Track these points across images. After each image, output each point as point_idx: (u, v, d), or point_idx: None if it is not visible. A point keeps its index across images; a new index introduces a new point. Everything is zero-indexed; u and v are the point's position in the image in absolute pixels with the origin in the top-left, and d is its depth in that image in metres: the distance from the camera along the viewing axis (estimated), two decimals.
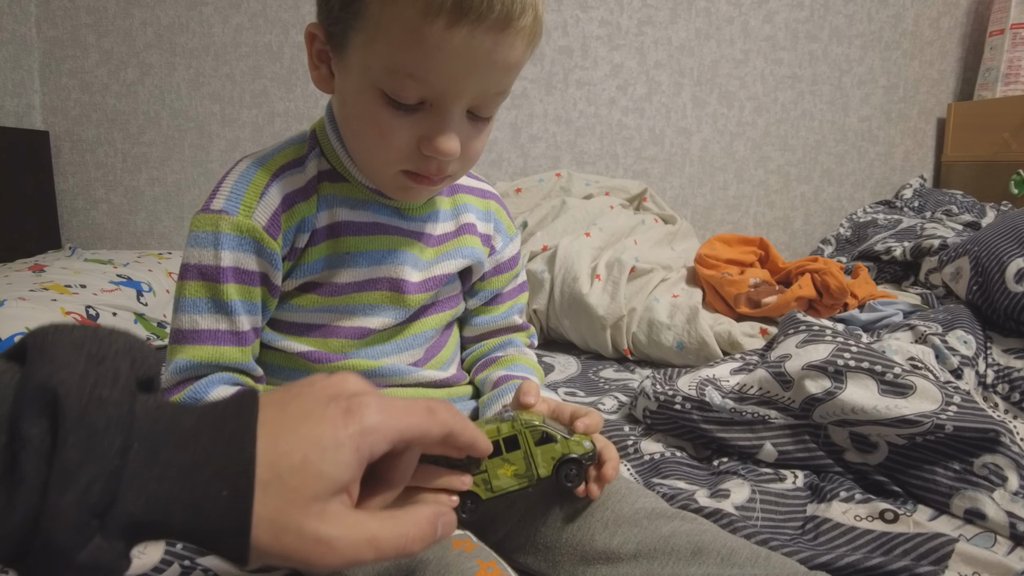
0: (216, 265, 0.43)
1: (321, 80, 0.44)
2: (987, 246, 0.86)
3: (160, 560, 0.46)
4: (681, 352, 0.94)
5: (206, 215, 0.43)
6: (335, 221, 0.47)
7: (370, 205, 0.48)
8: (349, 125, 0.44)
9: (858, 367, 0.62)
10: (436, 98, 0.39)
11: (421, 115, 0.40)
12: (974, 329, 0.79)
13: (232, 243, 0.43)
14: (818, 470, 0.63)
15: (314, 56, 0.43)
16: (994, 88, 1.46)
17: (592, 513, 0.43)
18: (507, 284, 0.58)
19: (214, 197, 0.44)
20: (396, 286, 0.48)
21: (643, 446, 0.68)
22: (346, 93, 0.42)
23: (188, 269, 0.43)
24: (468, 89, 0.39)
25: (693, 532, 0.41)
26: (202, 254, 0.43)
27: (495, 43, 0.37)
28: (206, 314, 0.43)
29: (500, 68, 0.39)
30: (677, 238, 1.23)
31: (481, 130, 0.43)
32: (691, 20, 1.56)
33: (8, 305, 0.86)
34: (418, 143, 0.40)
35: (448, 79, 0.38)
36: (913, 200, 1.47)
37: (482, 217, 0.55)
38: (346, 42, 0.40)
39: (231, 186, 0.44)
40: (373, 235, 0.48)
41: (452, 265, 0.51)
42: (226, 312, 0.43)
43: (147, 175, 1.60)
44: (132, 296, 1.05)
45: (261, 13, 1.54)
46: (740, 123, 1.60)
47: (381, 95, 0.39)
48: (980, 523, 0.53)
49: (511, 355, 0.57)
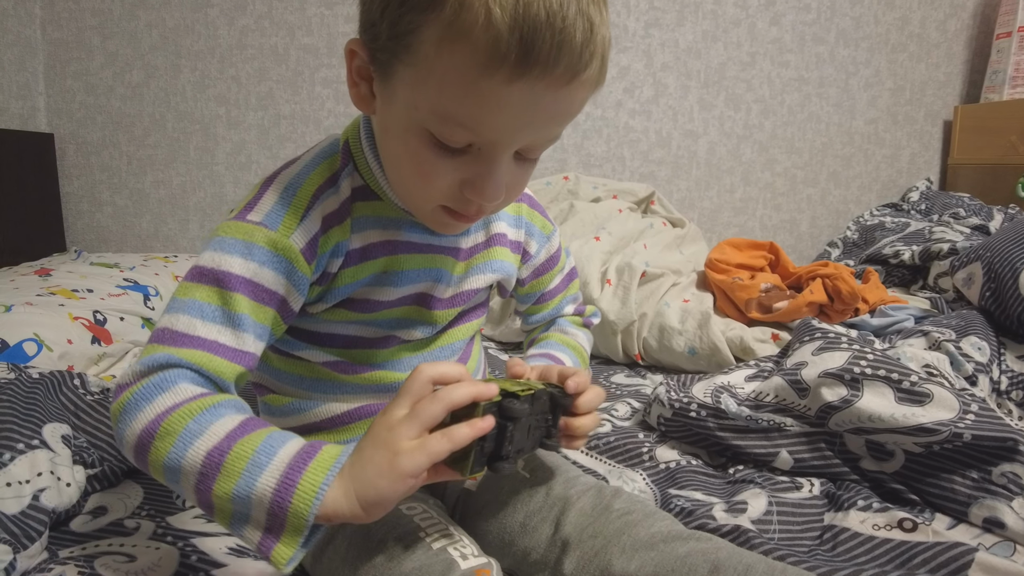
0: (239, 275, 0.40)
1: (361, 100, 0.41)
2: (1000, 252, 0.86)
3: (174, 573, 0.46)
4: (693, 358, 0.94)
5: (241, 223, 0.41)
6: (368, 243, 0.45)
7: (402, 224, 0.46)
8: (390, 156, 0.42)
9: (875, 375, 0.62)
10: (485, 144, 0.37)
11: (468, 158, 0.38)
12: (988, 335, 0.78)
13: (263, 257, 0.40)
14: (834, 478, 0.63)
15: (354, 73, 0.40)
16: (1001, 91, 1.46)
17: (609, 539, 0.43)
18: (551, 283, 0.57)
19: (252, 209, 0.41)
20: (425, 302, 0.48)
21: (658, 453, 0.68)
22: (389, 123, 0.40)
23: (203, 273, 0.40)
24: (521, 139, 0.37)
25: (709, 551, 0.41)
26: (226, 260, 0.40)
27: (556, 97, 0.35)
28: (209, 322, 0.39)
29: (558, 119, 0.37)
30: (686, 242, 1.22)
31: (527, 170, 0.41)
32: (698, 22, 1.55)
33: (16, 311, 0.85)
34: (461, 185, 0.38)
35: (501, 131, 0.36)
36: (920, 203, 1.46)
37: (513, 223, 0.53)
38: (392, 72, 0.37)
39: (274, 201, 0.41)
40: (411, 254, 0.46)
41: (481, 280, 0.51)
42: (232, 325, 0.40)
43: (152, 177, 1.60)
44: (139, 300, 1.04)
45: (267, 15, 1.53)
46: (747, 126, 1.60)
47: (427, 135, 0.37)
48: (999, 532, 0.52)
49: (548, 334, 0.58)
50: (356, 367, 0.47)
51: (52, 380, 0.63)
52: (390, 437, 0.35)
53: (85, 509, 0.56)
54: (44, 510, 0.49)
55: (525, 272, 0.55)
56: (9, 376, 0.61)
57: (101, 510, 0.56)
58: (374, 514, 0.35)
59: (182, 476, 0.35)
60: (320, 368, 0.47)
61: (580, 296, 0.61)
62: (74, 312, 0.90)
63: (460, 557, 0.39)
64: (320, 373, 0.48)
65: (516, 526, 0.47)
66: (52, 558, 0.48)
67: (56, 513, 0.51)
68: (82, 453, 0.58)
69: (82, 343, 0.86)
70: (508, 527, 0.47)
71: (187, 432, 0.35)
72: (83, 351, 0.86)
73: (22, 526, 0.47)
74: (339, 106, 1.55)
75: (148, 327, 1.02)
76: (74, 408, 0.63)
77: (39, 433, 0.55)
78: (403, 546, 0.41)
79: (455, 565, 0.39)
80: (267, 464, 0.34)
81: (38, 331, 0.81)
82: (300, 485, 0.34)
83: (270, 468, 0.34)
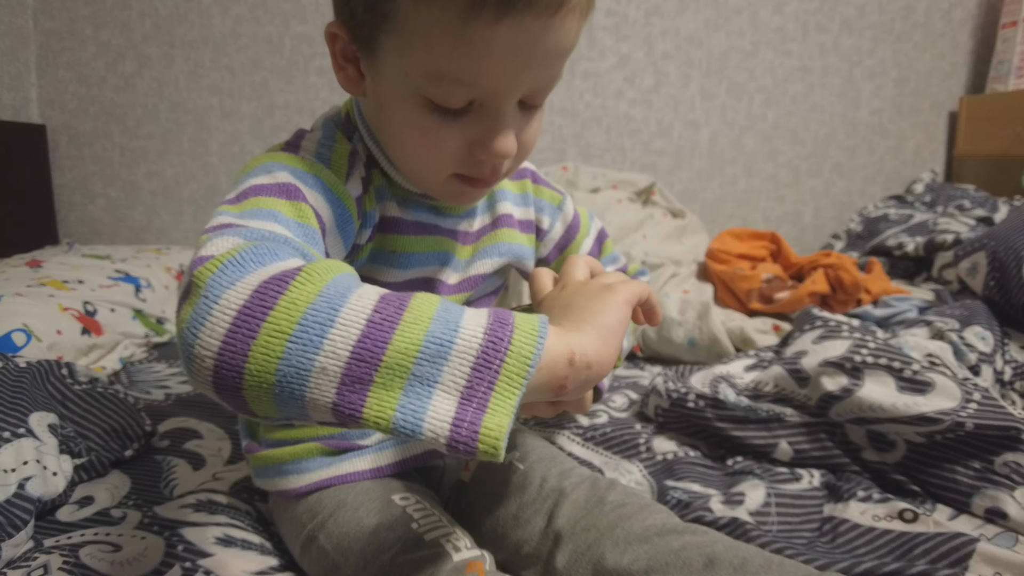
0: (303, 188, 0.34)
1: (349, 82, 0.39)
2: (1004, 241, 0.85)
3: (159, 562, 0.45)
4: (692, 349, 0.93)
5: (292, 155, 0.36)
6: (385, 216, 0.43)
7: (409, 203, 0.45)
8: (390, 133, 0.40)
9: (876, 364, 0.60)
10: (486, 98, 0.35)
11: (471, 117, 0.36)
12: (991, 325, 0.77)
13: (323, 190, 0.35)
14: (835, 469, 0.62)
15: (339, 56, 0.38)
16: (1006, 81, 1.44)
17: (603, 533, 0.42)
18: (580, 251, 0.55)
19: (297, 147, 0.37)
20: (432, 287, 0.46)
21: (655, 445, 0.67)
22: (383, 99, 0.38)
23: (262, 188, 0.32)
24: (521, 85, 0.35)
25: (704, 544, 0.40)
26: (284, 175, 0.33)
27: (546, 28, 0.33)
28: (284, 226, 0.31)
29: (553, 55, 0.35)
30: (686, 233, 1.21)
31: (534, 117, 0.39)
32: (699, 10, 1.53)
33: (5, 301, 0.84)
34: (470, 147, 0.37)
35: (498, 79, 0.34)
36: (924, 195, 1.44)
37: (519, 202, 0.51)
38: (376, 45, 0.36)
39: (319, 139, 0.38)
40: (419, 235, 0.45)
41: (488, 264, 0.49)
42: (310, 236, 0.32)
43: (145, 169, 1.58)
44: (130, 292, 1.03)
45: (261, 4, 1.51)
46: (749, 116, 1.58)
47: (425, 101, 0.35)
48: (1001, 522, 0.51)
49: None
50: None
51: (39, 369, 0.62)
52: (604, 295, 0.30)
53: (72, 499, 0.55)
54: (30, 499, 0.49)
55: (546, 249, 0.52)
56: None
57: (88, 500, 0.55)
58: (601, 363, 0.27)
59: (327, 339, 0.23)
60: None
61: (619, 256, 0.57)
62: (64, 303, 0.89)
63: (453, 549, 0.39)
64: None
65: (509, 518, 0.46)
66: (37, 547, 0.47)
67: (42, 502, 0.51)
68: (69, 443, 0.57)
69: (72, 334, 0.85)
70: (501, 519, 0.46)
71: (331, 287, 0.25)
72: (73, 342, 0.85)
73: (7, 515, 0.46)
74: (334, 95, 1.53)
75: (139, 318, 1.01)
76: (61, 398, 0.62)
77: (25, 422, 0.54)
78: (396, 537, 0.40)
79: (448, 557, 0.38)
80: (462, 312, 0.26)
81: (27, 321, 0.80)
82: (517, 322, 0.26)
83: (468, 314, 0.26)
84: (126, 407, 0.65)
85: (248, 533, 0.49)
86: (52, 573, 0.43)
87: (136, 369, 0.91)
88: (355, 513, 0.42)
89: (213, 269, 0.25)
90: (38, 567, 0.44)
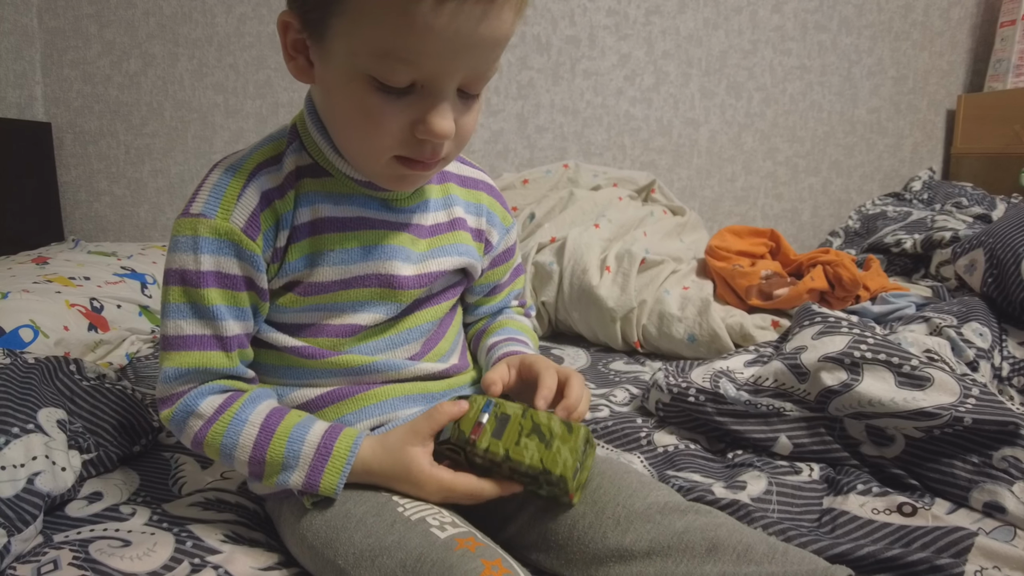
0: (196, 270, 0.42)
1: (299, 71, 0.42)
2: (1002, 238, 0.85)
3: (169, 558, 0.45)
4: (692, 345, 0.93)
5: (186, 219, 0.43)
6: (317, 218, 0.45)
7: (355, 199, 0.46)
8: (335, 116, 0.43)
9: (875, 359, 0.61)
10: (428, 80, 0.38)
11: (413, 98, 0.39)
12: (989, 321, 0.78)
13: (211, 247, 0.42)
14: (834, 463, 0.62)
15: (289, 47, 0.41)
16: (1005, 80, 1.44)
17: (604, 509, 0.42)
18: (504, 275, 0.57)
19: (193, 201, 0.44)
20: (387, 281, 0.47)
21: (656, 438, 0.67)
22: (330, 83, 0.41)
23: (170, 274, 0.43)
24: (460, 68, 0.38)
25: (708, 527, 0.40)
26: (182, 259, 0.43)
27: (484, 15, 0.36)
28: (190, 319, 0.43)
29: (490, 43, 0.38)
30: (686, 230, 1.22)
31: (471, 107, 0.42)
32: (699, 10, 1.54)
33: (12, 298, 0.85)
34: (411, 127, 0.39)
35: (440, 60, 0.37)
36: (922, 192, 1.45)
37: (472, 211, 0.53)
38: (326, 29, 0.38)
39: (209, 189, 0.44)
40: (357, 231, 0.46)
41: (448, 262, 0.50)
42: (208, 317, 0.43)
43: (150, 167, 1.59)
44: (136, 288, 1.04)
45: (264, 2, 1.52)
46: (748, 114, 1.58)
47: (369, 81, 0.38)
48: (1000, 517, 0.52)
49: (500, 321, 0.58)
50: (323, 351, 0.47)
51: (48, 365, 0.63)
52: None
53: (80, 494, 0.55)
54: (39, 494, 0.49)
55: (485, 262, 0.54)
56: (5, 361, 0.61)
57: (97, 496, 0.55)
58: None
59: (236, 464, 0.45)
60: (288, 355, 0.47)
61: (523, 292, 0.62)
62: (71, 299, 0.90)
63: (438, 528, 0.39)
64: (288, 360, 0.48)
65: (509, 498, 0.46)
66: (47, 542, 0.48)
67: (51, 497, 0.51)
68: (77, 438, 0.57)
69: (79, 330, 0.86)
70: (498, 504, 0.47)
71: (225, 444, 0.44)
72: (80, 338, 0.85)
73: (17, 509, 0.47)
74: None
75: (145, 315, 1.02)
76: (70, 394, 0.62)
77: (34, 417, 0.54)
78: (381, 520, 0.40)
79: (434, 536, 0.38)
80: (307, 431, 0.44)
81: (34, 318, 0.81)
82: (341, 436, 0.44)
83: (313, 429, 0.44)
84: (134, 403, 0.66)
85: (255, 531, 0.50)
86: (62, 568, 0.44)
87: (142, 365, 0.92)
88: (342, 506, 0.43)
89: (167, 426, 0.47)
90: (48, 562, 0.44)
